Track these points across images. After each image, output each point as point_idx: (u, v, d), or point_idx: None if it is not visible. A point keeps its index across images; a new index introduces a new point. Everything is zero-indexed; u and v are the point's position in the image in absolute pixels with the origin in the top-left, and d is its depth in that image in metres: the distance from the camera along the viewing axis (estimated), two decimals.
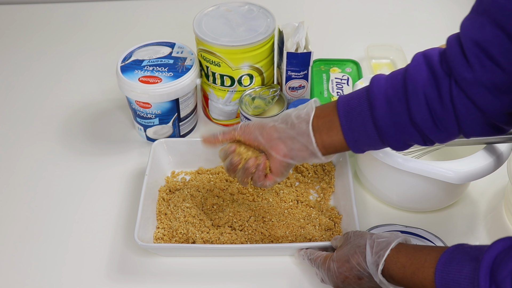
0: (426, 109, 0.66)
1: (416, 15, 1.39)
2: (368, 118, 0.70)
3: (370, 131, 0.70)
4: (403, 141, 0.70)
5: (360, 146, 0.73)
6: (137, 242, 0.80)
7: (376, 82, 0.70)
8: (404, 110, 0.67)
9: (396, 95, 0.68)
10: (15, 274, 0.85)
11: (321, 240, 0.85)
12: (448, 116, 0.65)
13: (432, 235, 0.85)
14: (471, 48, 0.61)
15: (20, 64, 1.26)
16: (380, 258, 0.69)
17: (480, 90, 0.62)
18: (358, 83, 0.95)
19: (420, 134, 0.69)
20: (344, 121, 0.71)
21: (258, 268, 0.84)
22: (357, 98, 0.71)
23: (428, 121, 0.67)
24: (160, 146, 0.96)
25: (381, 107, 0.68)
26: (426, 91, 0.65)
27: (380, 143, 0.71)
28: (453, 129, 0.67)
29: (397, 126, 0.69)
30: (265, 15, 1.01)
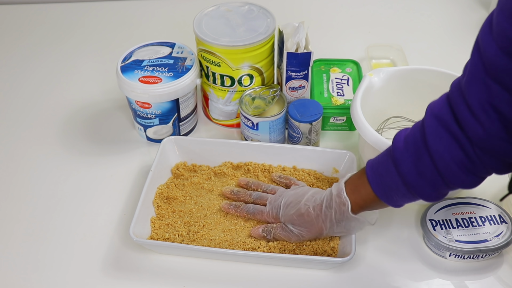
0: (456, 168, 0.67)
1: (416, 15, 1.39)
2: (395, 176, 0.71)
3: (398, 184, 0.72)
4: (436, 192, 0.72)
5: None
6: (132, 237, 0.80)
7: (398, 151, 0.71)
8: (434, 172, 0.68)
9: (422, 161, 0.69)
10: (13, 272, 0.85)
11: (316, 246, 0.84)
12: (477, 168, 0.67)
13: (483, 200, 0.88)
14: (481, 108, 0.62)
15: (20, 64, 1.26)
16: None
17: (496, 143, 0.63)
18: (367, 75, 0.96)
19: (451, 187, 0.70)
20: (373, 183, 0.74)
21: (254, 275, 0.83)
22: (382, 163, 0.74)
23: (461, 174, 0.67)
24: (169, 144, 0.96)
25: (409, 170, 0.70)
26: (452, 155, 0.66)
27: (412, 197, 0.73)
28: (483, 174, 0.68)
29: (426, 181, 0.70)
30: (265, 15, 1.01)
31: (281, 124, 1.00)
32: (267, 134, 0.99)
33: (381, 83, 0.97)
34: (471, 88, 0.62)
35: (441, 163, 0.67)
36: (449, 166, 0.67)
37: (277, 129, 0.99)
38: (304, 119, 0.97)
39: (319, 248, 0.83)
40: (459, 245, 0.82)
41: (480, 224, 0.85)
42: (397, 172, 0.71)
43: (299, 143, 1.00)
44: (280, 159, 0.97)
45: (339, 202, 0.77)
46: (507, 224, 0.84)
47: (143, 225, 0.86)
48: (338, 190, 0.77)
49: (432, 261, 0.85)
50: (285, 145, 1.00)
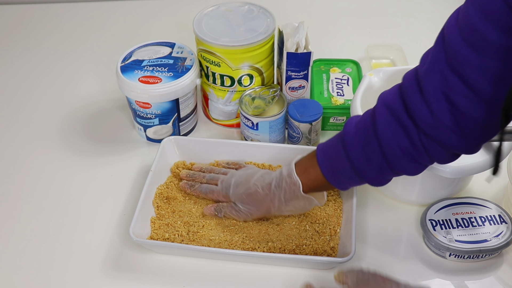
0: (402, 156, 0.70)
1: (416, 15, 1.39)
2: (344, 160, 0.74)
3: (346, 168, 0.75)
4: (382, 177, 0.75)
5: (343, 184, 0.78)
6: (132, 237, 0.80)
7: (348, 136, 0.74)
8: (381, 158, 0.71)
9: (371, 148, 0.72)
10: (14, 272, 0.85)
11: (316, 246, 0.84)
12: (421, 156, 0.70)
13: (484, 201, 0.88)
14: (434, 96, 0.64)
15: (20, 64, 1.26)
16: None
17: (444, 132, 0.66)
18: (367, 75, 0.96)
19: (396, 173, 0.74)
20: (323, 165, 0.77)
21: (254, 275, 0.83)
22: (332, 147, 0.76)
23: (405, 162, 0.71)
24: (169, 144, 0.96)
25: (357, 155, 0.73)
26: (399, 143, 0.69)
27: (359, 180, 0.76)
28: (426, 162, 0.72)
29: (373, 166, 0.73)
30: (265, 15, 1.01)
31: (281, 124, 1.00)
32: (267, 134, 0.99)
33: (381, 83, 0.97)
34: (429, 77, 0.64)
35: (388, 150, 0.70)
36: (395, 153, 0.70)
37: (277, 129, 0.99)
38: (304, 119, 0.97)
39: (319, 248, 0.83)
40: (459, 245, 0.82)
41: (480, 224, 0.85)
42: (346, 156, 0.74)
43: (299, 143, 1.00)
44: (280, 159, 0.97)
45: (289, 182, 0.80)
46: (507, 224, 0.84)
47: (143, 225, 0.86)
48: (289, 171, 0.80)
49: (432, 261, 0.85)
50: (285, 145, 1.00)
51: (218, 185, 0.89)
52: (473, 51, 0.59)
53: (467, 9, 0.60)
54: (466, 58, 0.60)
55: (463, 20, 0.60)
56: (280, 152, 0.97)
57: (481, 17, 0.57)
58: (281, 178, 0.81)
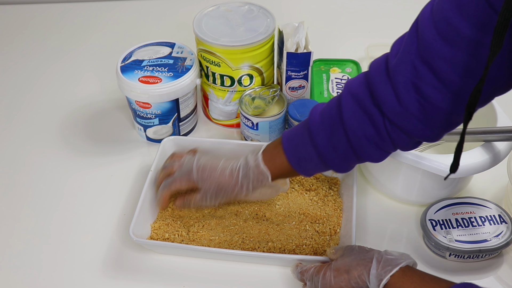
0: (367, 144, 0.71)
1: (416, 15, 1.38)
2: (310, 148, 0.75)
3: (312, 155, 0.75)
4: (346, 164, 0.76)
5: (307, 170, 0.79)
6: (132, 237, 0.80)
7: (313, 124, 0.74)
8: (346, 146, 0.72)
9: (336, 135, 0.72)
10: (14, 272, 0.85)
11: (316, 246, 0.84)
12: (386, 144, 0.70)
13: (484, 201, 0.88)
14: (404, 86, 0.65)
15: (20, 64, 1.26)
16: (386, 273, 0.69)
17: (410, 121, 0.66)
18: None
19: (360, 160, 0.74)
20: (289, 153, 0.77)
21: (254, 275, 0.83)
22: (298, 135, 0.77)
23: (370, 150, 0.72)
24: (169, 144, 0.96)
25: (323, 143, 0.74)
26: (365, 131, 0.70)
27: (324, 167, 0.77)
28: (390, 149, 0.72)
29: (338, 153, 0.74)
30: (265, 15, 1.01)
31: (281, 124, 1.00)
32: (267, 134, 0.99)
33: None
34: (399, 67, 0.65)
35: (353, 138, 0.71)
36: (360, 141, 0.71)
37: (277, 129, 0.99)
38: (304, 119, 0.97)
39: (319, 248, 0.83)
40: (459, 245, 0.82)
41: (480, 224, 0.85)
42: (312, 144, 0.74)
43: None
44: None
45: (257, 172, 0.80)
46: (507, 224, 0.84)
47: (143, 225, 0.86)
48: (256, 161, 0.80)
49: (432, 261, 0.85)
50: None
51: (176, 172, 0.86)
52: (445, 44, 0.60)
53: (442, 3, 0.61)
54: (438, 50, 0.61)
55: (437, 13, 0.61)
56: None
57: (456, 12, 0.58)
58: (248, 167, 0.81)
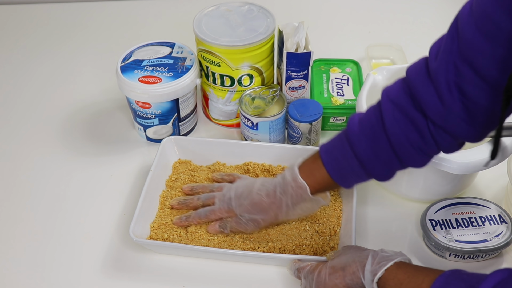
0: (412, 150, 0.70)
1: (416, 15, 1.39)
2: (352, 158, 0.74)
3: (354, 166, 0.74)
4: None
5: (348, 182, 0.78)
6: (132, 237, 0.80)
7: (353, 134, 0.73)
8: (390, 154, 0.71)
9: (379, 144, 0.71)
10: (13, 272, 0.85)
11: (316, 246, 0.84)
12: (430, 147, 0.70)
13: (485, 201, 0.88)
14: (446, 87, 0.64)
15: (20, 64, 1.26)
16: (380, 267, 0.69)
17: (455, 122, 0.66)
18: (371, 74, 0.97)
19: (404, 166, 0.73)
20: (329, 166, 0.76)
21: (254, 275, 0.83)
22: (337, 147, 0.76)
23: (415, 155, 0.71)
24: (169, 144, 0.96)
25: (365, 152, 0.72)
26: (409, 137, 0.69)
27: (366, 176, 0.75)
28: (434, 153, 0.72)
29: (381, 162, 0.73)
30: (265, 15, 1.01)
31: (281, 124, 1.00)
32: (267, 134, 0.99)
33: (385, 81, 0.97)
34: (441, 68, 0.65)
35: (397, 145, 0.70)
36: (404, 147, 0.70)
37: (277, 129, 0.99)
38: (304, 119, 0.97)
39: (319, 248, 0.83)
40: (459, 245, 0.82)
41: (480, 224, 0.85)
42: (354, 154, 0.73)
43: (299, 143, 1.00)
44: (280, 159, 0.97)
45: (295, 186, 0.78)
46: (507, 224, 0.84)
47: (143, 225, 0.86)
48: (293, 175, 0.79)
49: (432, 261, 0.85)
50: (285, 145, 1.00)
51: (216, 203, 0.86)
52: (486, 40, 0.59)
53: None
54: (479, 47, 0.60)
55: (477, 9, 0.60)
56: (280, 152, 0.97)
57: (496, 6, 0.57)
58: (285, 183, 0.79)
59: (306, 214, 0.86)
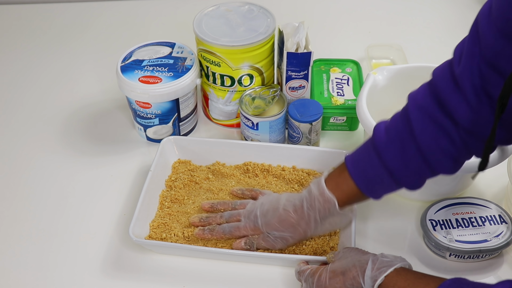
0: (442, 157, 0.69)
1: (416, 15, 1.39)
2: (380, 168, 0.72)
3: (383, 176, 0.72)
4: None
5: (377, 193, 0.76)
6: (132, 237, 0.81)
7: (381, 143, 0.72)
8: (420, 162, 0.70)
9: (408, 152, 0.70)
10: (13, 272, 0.85)
11: (316, 246, 0.84)
12: (461, 154, 0.69)
13: (485, 201, 0.88)
14: (473, 92, 0.63)
15: (20, 64, 1.26)
16: (380, 273, 0.68)
17: (485, 126, 0.64)
18: (371, 74, 0.96)
19: (435, 174, 0.72)
20: (356, 177, 0.74)
21: (254, 275, 0.83)
22: (364, 158, 0.74)
23: (446, 162, 0.70)
24: (168, 144, 0.96)
25: (394, 162, 0.71)
26: (439, 144, 0.68)
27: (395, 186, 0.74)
28: (465, 159, 0.71)
29: (411, 170, 0.72)
30: (265, 15, 1.01)
31: (281, 124, 1.00)
32: (267, 134, 0.99)
33: (385, 81, 0.97)
34: (465, 73, 0.64)
35: (428, 153, 0.69)
36: (435, 155, 0.69)
37: (277, 129, 0.99)
38: (304, 119, 0.97)
39: (318, 248, 0.83)
40: (459, 245, 0.82)
41: (480, 224, 0.85)
42: (382, 164, 0.71)
43: (299, 143, 1.00)
44: (280, 159, 0.97)
45: (323, 201, 0.77)
46: (507, 224, 0.84)
47: (143, 225, 0.86)
48: (320, 189, 0.77)
49: (432, 261, 0.85)
50: (285, 145, 1.00)
51: (242, 220, 0.83)
52: (508, 42, 0.58)
53: (501, 0, 0.59)
54: (501, 49, 0.59)
55: (496, 11, 0.59)
56: (280, 152, 0.97)
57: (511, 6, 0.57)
58: (312, 198, 0.77)
59: (334, 229, 0.84)
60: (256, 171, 0.96)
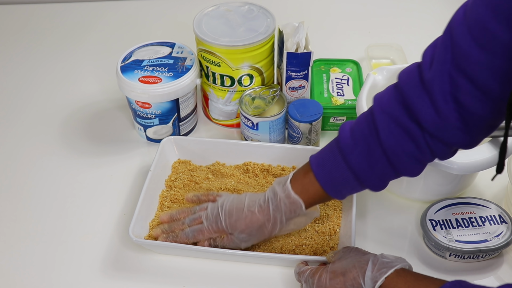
0: (407, 160, 0.70)
1: (416, 15, 1.39)
2: (345, 171, 0.73)
3: (349, 178, 0.73)
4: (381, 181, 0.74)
5: (340, 193, 0.76)
6: (132, 237, 0.81)
7: (346, 145, 0.73)
8: (385, 164, 0.71)
9: (373, 155, 0.71)
10: (13, 272, 0.85)
11: (316, 246, 0.84)
12: (425, 157, 0.70)
13: (485, 201, 0.88)
14: (442, 98, 0.64)
15: (20, 64, 1.26)
16: (381, 275, 0.69)
17: (451, 132, 0.66)
18: (371, 74, 0.97)
19: (398, 176, 0.73)
20: (322, 180, 0.75)
21: (254, 275, 0.83)
22: (329, 160, 0.75)
23: (410, 165, 0.71)
24: (168, 144, 0.97)
25: (360, 164, 0.72)
26: (404, 148, 0.69)
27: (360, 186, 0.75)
28: (428, 161, 0.72)
29: (376, 173, 0.72)
30: (265, 15, 1.01)
31: (281, 124, 1.00)
32: (267, 134, 0.99)
33: (385, 81, 0.97)
34: (435, 79, 0.64)
35: (392, 156, 0.70)
36: (400, 158, 0.69)
37: (277, 129, 0.99)
38: (304, 119, 0.97)
39: (318, 248, 0.83)
40: (459, 245, 0.82)
41: (480, 224, 0.85)
42: (347, 167, 0.72)
43: (299, 143, 1.00)
44: (280, 159, 0.97)
45: (288, 203, 0.77)
46: (507, 224, 0.84)
47: (143, 225, 0.86)
48: (286, 191, 0.77)
49: (432, 261, 0.85)
50: (285, 145, 1.00)
51: (204, 222, 0.82)
52: (482, 51, 0.58)
53: (476, 7, 0.59)
54: (474, 57, 0.59)
55: (472, 18, 0.59)
56: (280, 152, 0.97)
57: (492, 16, 0.56)
58: (277, 199, 0.78)
59: (299, 228, 0.85)
60: (256, 171, 0.96)
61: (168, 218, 0.86)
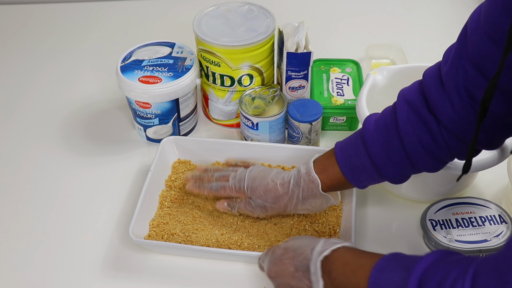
0: (424, 152, 0.71)
1: (416, 15, 1.39)
2: (364, 157, 0.75)
3: (366, 164, 0.75)
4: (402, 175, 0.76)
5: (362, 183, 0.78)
6: (132, 237, 0.81)
7: (368, 133, 0.74)
8: (402, 154, 0.72)
9: (392, 144, 0.72)
10: (13, 272, 0.85)
11: None
12: (442, 152, 0.71)
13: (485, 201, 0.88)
14: (456, 91, 0.65)
15: (20, 64, 1.26)
16: (329, 246, 0.70)
17: (465, 127, 0.66)
18: (371, 74, 0.97)
19: (416, 170, 0.75)
20: (342, 163, 0.77)
21: (254, 275, 0.83)
22: (351, 145, 0.77)
23: (426, 158, 0.72)
24: (168, 144, 0.97)
25: (378, 152, 0.74)
26: (421, 139, 0.70)
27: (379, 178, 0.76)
28: (447, 158, 0.73)
29: (393, 162, 0.74)
30: (265, 15, 1.01)
31: (281, 124, 1.00)
32: (267, 134, 0.99)
33: (385, 81, 0.97)
34: (451, 72, 0.65)
35: (409, 147, 0.71)
36: (416, 148, 0.71)
37: (277, 129, 0.99)
38: (304, 119, 0.97)
39: None
40: (459, 245, 0.82)
41: (480, 224, 0.85)
42: (367, 154, 0.74)
43: (299, 143, 1.00)
44: (280, 159, 0.97)
45: (308, 180, 0.80)
46: (507, 224, 0.84)
47: (143, 225, 0.86)
48: (307, 169, 0.80)
49: None
50: (285, 145, 1.00)
51: (230, 180, 0.87)
52: (494, 45, 0.60)
53: (488, 3, 0.60)
54: (487, 52, 0.60)
55: (485, 15, 0.61)
56: (280, 152, 0.97)
57: (501, 11, 0.58)
58: (299, 176, 0.81)
59: (314, 211, 0.85)
60: None
61: (203, 169, 0.92)
